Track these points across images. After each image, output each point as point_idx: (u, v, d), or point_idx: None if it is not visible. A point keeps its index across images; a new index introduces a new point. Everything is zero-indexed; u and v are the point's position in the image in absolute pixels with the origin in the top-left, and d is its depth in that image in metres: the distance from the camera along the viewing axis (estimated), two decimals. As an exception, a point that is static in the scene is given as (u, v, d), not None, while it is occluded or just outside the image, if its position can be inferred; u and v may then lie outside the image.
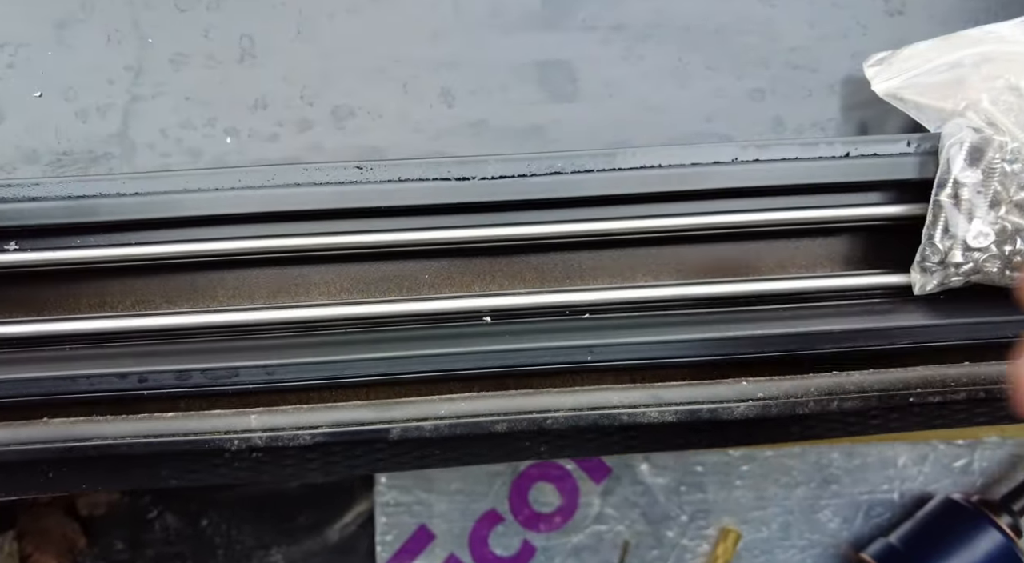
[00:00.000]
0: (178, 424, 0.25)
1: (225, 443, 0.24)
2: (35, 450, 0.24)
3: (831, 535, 0.66)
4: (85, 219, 0.28)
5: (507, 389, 0.27)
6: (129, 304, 0.30)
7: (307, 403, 0.26)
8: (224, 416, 0.25)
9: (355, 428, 0.25)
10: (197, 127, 0.33)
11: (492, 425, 0.25)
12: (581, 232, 0.30)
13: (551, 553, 0.64)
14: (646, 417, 0.25)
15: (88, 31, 0.33)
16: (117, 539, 0.64)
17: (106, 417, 0.25)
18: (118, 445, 0.24)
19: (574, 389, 0.26)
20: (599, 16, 0.34)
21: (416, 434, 0.25)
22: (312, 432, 0.24)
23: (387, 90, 0.33)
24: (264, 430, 0.24)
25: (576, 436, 0.27)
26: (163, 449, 0.24)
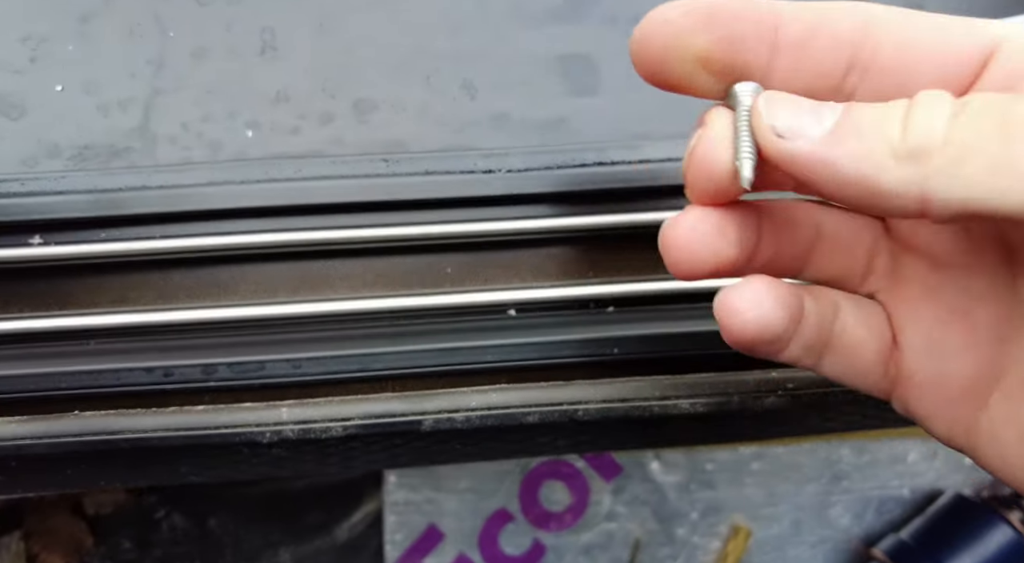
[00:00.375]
0: (209, 417, 0.25)
1: (257, 436, 0.24)
2: (69, 443, 0.24)
3: (842, 531, 0.67)
4: (109, 213, 0.28)
5: (534, 381, 0.27)
6: (152, 298, 0.30)
7: (335, 396, 0.25)
8: (255, 409, 0.25)
9: (387, 419, 0.25)
10: (218, 120, 0.33)
11: (524, 416, 0.25)
12: (606, 225, 0.30)
13: (561, 551, 0.64)
14: (677, 409, 0.25)
15: (109, 25, 0.33)
16: (124, 539, 0.64)
17: (137, 410, 0.25)
18: (150, 438, 0.24)
19: (605, 380, 0.26)
20: (620, 9, 0.34)
21: (448, 425, 0.25)
22: (344, 424, 0.24)
23: (409, 83, 0.33)
24: (296, 422, 0.24)
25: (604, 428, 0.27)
26: (195, 442, 0.24)
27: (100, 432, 0.24)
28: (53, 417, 0.24)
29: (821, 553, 0.66)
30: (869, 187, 0.16)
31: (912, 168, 0.16)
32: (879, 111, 0.17)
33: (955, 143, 0.15)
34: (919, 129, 0.16)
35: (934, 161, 0.16)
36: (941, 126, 0.16)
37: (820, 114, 0.17)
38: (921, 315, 0.20)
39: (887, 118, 0.16)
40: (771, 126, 0.18)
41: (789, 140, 0.17)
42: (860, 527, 0.65)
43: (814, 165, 0.17)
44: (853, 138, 0.17)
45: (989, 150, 0.15)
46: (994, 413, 0.19)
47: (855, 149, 0.16)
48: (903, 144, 0.16)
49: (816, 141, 0.17)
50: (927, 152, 0.16)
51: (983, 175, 0.15)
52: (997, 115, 0.15)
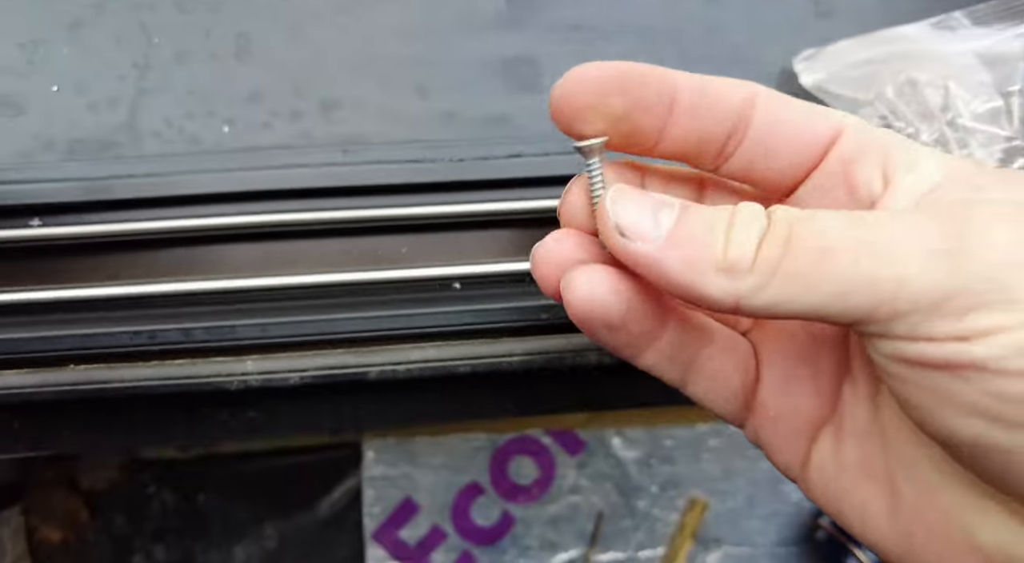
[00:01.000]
0: (185, 369, 0.28)
1: (226, 384, 0.28)
2: (63, 392, 0.28)
3: (793, 504, 0.71)
4: (101, 197, 0.32)
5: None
6: (139, 273, 0.33)
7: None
8: (225, 362, 0.29)
9: (339, 371, 0.29)
10: (198, 117, 0.36)
11: (456, 367, 0.29)
12: (540, 209, 0.34)
13: (529, 523, 0.68)
14: (586, 359, 0.29)
15: (99, 32, 0.37)
16: (118, 514, 0.67)
17: (125, 364, 0.29)
18: (135, 387, 0.28)
19: (528, 338, 0.30)
20: (559, 17, 0.38)
21: (391, 376, 0.29)
22: (301, 374, 0.28)
23: (369, 84, 0.37)
24: (259, 373, 0.28)
25: (527, 380, 0.30)
26: (174, 390, 0.28)
27: (92, 382, 0.28)
28: (52, 370, 0.28)
29: (773, 525, 0.70)
30: (694, 291, 0.18)
31: (729, 281, 0.18)
32: (707, 221, 0.19)
33: (760, 264, 0.18)
34: (735, 249, 0.18)
35: (746, 279, 0.18)
36: (751, 248, 0.18)
37: (659, 215, 0.19)
38: (781, 355, 0.23)
39: (713, 230, 0.19)
40: (616, 225, 0.19)
41: (630, 240, 0.19)
42: (811, 501, 0.69)
43: (649, 266, 0.19)
44: (683, 247, 0.18)
45: (784, 268, 0.18)
46: (822, 445, 0.22)
47: (684, 258, 0.18)
48: (724, 261, 0.18)
49: (652, 245, 0.19)
50: (741, 270, 0.18)
51: (781, 289, 0.18)
52: (784, 235, 0.18)
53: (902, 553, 0.20)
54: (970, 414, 0.16)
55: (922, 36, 0.35)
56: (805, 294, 0.17)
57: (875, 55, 0.36)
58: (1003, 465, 0.17)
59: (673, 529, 0.70)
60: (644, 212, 0.19)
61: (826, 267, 0.17)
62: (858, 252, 0.17)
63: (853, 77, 0.36)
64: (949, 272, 0.16)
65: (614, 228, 0.19)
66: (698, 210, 0.19)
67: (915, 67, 0.33)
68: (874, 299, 0.17)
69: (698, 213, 0.19)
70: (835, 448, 0.21)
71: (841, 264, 0.17)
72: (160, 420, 0.35)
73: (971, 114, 0.32)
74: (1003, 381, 0.16)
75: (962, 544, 0.19)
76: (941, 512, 0.19)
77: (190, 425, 0.36)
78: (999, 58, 0.33)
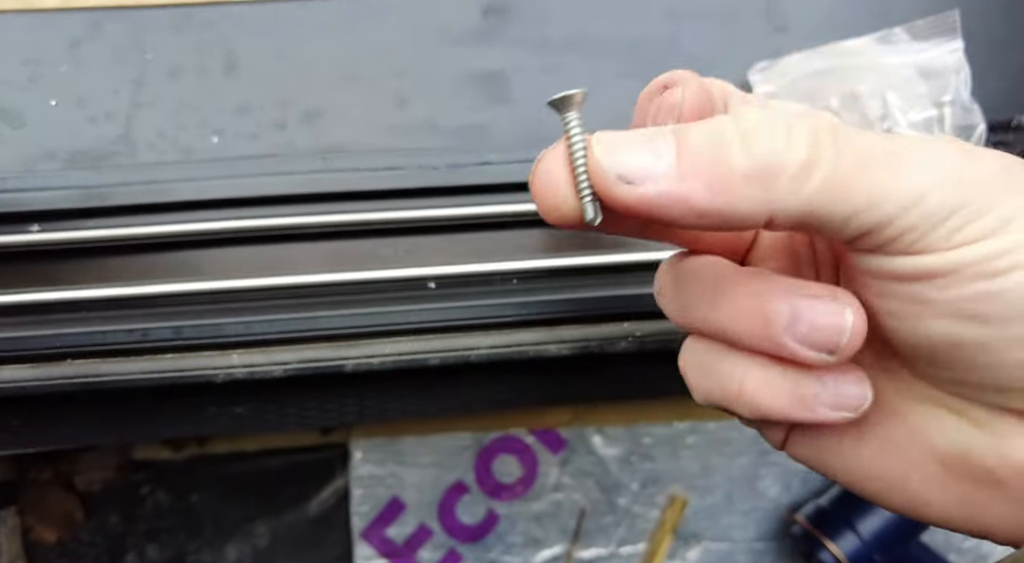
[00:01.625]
0: (175, 363, 0.31)
1: (212, 377, 0.30)
2: (60, 385, 0.30)
3: (771, 500, 0.73)
4: (98, 204, 0.35)
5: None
6: (134, 275, 0.36)
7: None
8: (212, 356, 0.31)
9: (318, 363, 0.31)
10: (189, 129, 0.39)
11: (426, 360, 0.31)
12: (509, 213, 0.36)
13: (514, 520, 0.70)
14: (548, 352, 0.31)
15: (97, 49, 0.39)
16: (112, 514, 0.69)
17: (119, 358, 0.31)
18: (129, 380, 0.30)
19: (494, 332, 0.32)
20: (528, 33, 0.41)
21: (366, 368, 0.31)
22: (284, 367, 0.30)
23: (350, 96, 0.39)
24: (244, 366, 0.30)
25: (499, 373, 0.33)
26: (164, 382, 0.30)
27: (88, 375, 0.30)
28: (51, 364, 0.30)
29: (752, 521, 0.72)
30: (725, 213, 0.17)
31: (760, 191, 0.17)
32: (710, 134, 0.17)
33: (794, 164, 0.17)
34: (761, 147, 0.17)
35: (780, 182, 0.17)
36: (781, 148, 0.17)
37: (657, 147, 0.18)
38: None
39: (723, 141, 0.17)
40: (617, 175, 0.18)
41: (638, 185, 0.18)
42: (788, 496, 0.71)
43: (668, 205, 0.17)
44: (699, 171, 0.17)
45: (826, 170, 0.17)
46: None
47: (706, 181, 0.17)
48: (752, 168, 0.17)
49: (665, 181, 0.17)
50: (772, 175, 0.17)
51: (818, 194, 0.17)
52: (826, 133, 0.17)
53: (870, 476, 0.21)
54: (946, 317, 0.18)
55: (866, 50, 0.38)
56: (840, 201, 0.17)
57: (823, 68, 0.39)
58: (972, 359, 0.18)
59: (653, 525, 0.72)
60: (640, 150, 0.18)
61: (866, 174, 0.17)
62: (889, 159, 0.17)
63: (803, 88, 0.38)
64: (957, 191, 0.17)
65: (616, 179, 0.18)
66: (693, 127, 0.18)
67: (858, 79, 0.36)
68: (889, 213, 0.17)
69: (697, 130, 0.18)
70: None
71: (878, 173, 0.17)
72: (151, 413, 0.37)
73: (908, 123, 0.35)
74: (976, 283, 0.17)
75: (922, 455, 0.20)
76: (907, 429, 0.20)
77: (180, 418, 0.38)
78: (935, 71, 0.36)
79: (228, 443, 0.69)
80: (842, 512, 0.67)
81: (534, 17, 0.41)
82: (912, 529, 0.66)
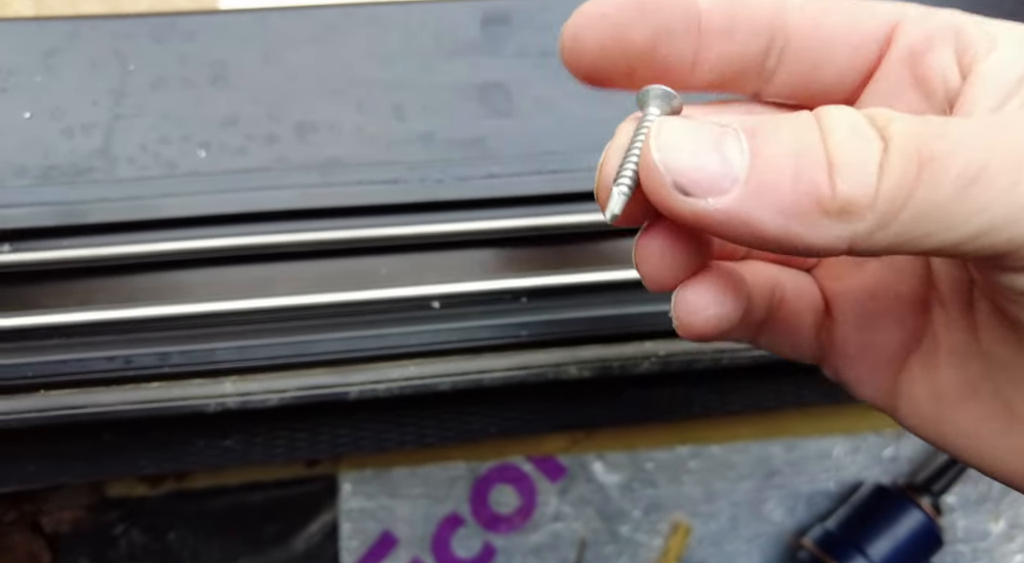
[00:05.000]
0: (162, 392, 0.28)
1: (203, 407, 0.28)
2: (33, 418, 0.27)
3: (776, 525, 0.71)
4: (74, 222, 0.32)
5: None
6: (115, 298, 0.33)
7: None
8: (203, 384, 0.28)
9: (318, 391, 0.28)
10: (174, 142, 0.36)
11: (437, 385, 0.29)
12: (517, 228, 0.34)
13: (511, 553, 0.67)
14: (567, 374, 0.29)
15: (73, 59, 0.37)
16: (82, 556, 0.65)
17: (98, 388, 0.28)
18: (109, 412, 0.27)
19: (507, 353, 0.30)
20: (530, 44, 0.39)
21: (372, 395, 0.28)
22: (281, 395, 0.28)
23: (345, 108, 0.37)
24: (238, 394, 0.28)
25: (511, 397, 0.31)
26: (149, 414, 0.28)
27: (64, 407, 0.27)
28: (21, 396, 0.28)
29: (757, 546, 0.70)
30: (795, 244, 0.15)
31: (843, 226, 0.14)
32: (792, 144, 0.15)
33: (886, 198, 0.14)
34: (847, 182, 0.14)
35: (864, 218, 0.14)
36: (871, 179, 0.14)
37: (725, 150, 0.15)
38: (852, 289, 0.21)
39: (806, 158, 0.14)
40: (673, 183, 0.15)
41: (698, 198, 0.15)
42: (792, 520, 0.70)
43: (728, 224, 0.15)
44: (773, 191, 0.14)
45: (918, 200, 0.14)
46: (912, 374, 0.20)
47: (779, 206, 0.14)
48: (834, 200, 0.14)
49: (730, 197, 0.15)
50: (859, 210, 0.14)
51: (911, 226, 0.14)
52: (916, 154, 0.14)
53: (1018, 466, 0.19)
54: None
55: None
56: (942, 231, 0.14)
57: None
58: None
59: (657, 554, 0.69)
60: (704, 150, 0.15)
61: (976, 197, 0.14)
62: (1018, 173, 0.14)
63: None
64: None
65: (671, 187, 0.15)
66: (773, 130, 0.15)
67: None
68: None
69: (776, 135, 0.15)
70: (928, 376, 0.20)
71: (993, 191, 0.14)
72: (132, 448, 0.34)
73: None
74: None
75: None
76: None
77: (163, 453, 0.35)
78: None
79: (209, 477, 0.65)
80: (850, 536, 0.65)
81: (535, 27, 0.40)
82: (923, 552, 0.64)
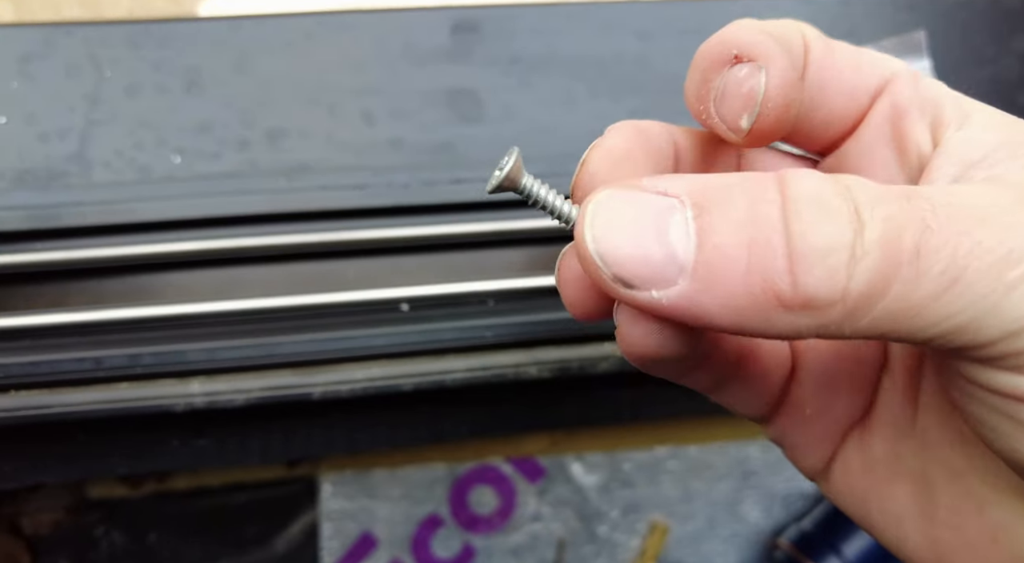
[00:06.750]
0: (131, 392, 0.29)
1: (172, 406, 0.28)
2: (6, 418, 0.28)
3: (752, 525, 0.72)
4: (47, 225, 0.33)
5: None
6: (88, 300, 0.34)
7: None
8: (171, 384, 0.29)
9: (283, 392, 0.29)
10: (148, 147, 0.37)
11: (400, 386, 0.29)
12: (483, 232, 0.35)
13: (491, 553, 0.68)
14: (528, 374, 0.30)
15: (49, 65, 0.38)
16: (63, 558, 0.65)
17: (69, 389, 0.29)
18: (79, 411, 0.28)
19: (470, 354, 0.31)
20: (499, 51, 0.40)
21: (335, 395, 0.29)
22: (247, 395, 0.29)
23: (315, 114, 0.38)
24: (205, 394, 0.29)
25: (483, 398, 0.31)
26: (118, 413, 0.28)
27: (35, 406, 0.28)
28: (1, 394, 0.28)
29: (734, 546, 0.71)
30: (753, 333, 0.14)
31: (806, 319, 0.13)
32: (747, 227, 0.13)
33: (855, 295, 0.13)
34: (813, 279, 0.13)
35: (831, 312, 0.13)
36: (840, 274, 0.13)
37: (666, 233, 0.13)
38: (820, 347, 0.20)
39: (763, 248, 0.13)
40: (613, 276, 0.14)
41: (642, 290, 0.14)
42: (769, 520, 0.70)
43: (682, 316, 0.14)
44: (722, 284, 0.13)
45: (894, 297, 0.13)
46: (850, 444, 0.20)
47: (728, 303, 0.13)
48: (794, 298, 0.13)
49: (676, 291, 0.13)
50: (824, 307, 0.13)
51: (882, 321, 0.13)
52: (898, 245, 0.13)
53: (930, 558, 0.18)
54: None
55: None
56: (917, 329, 0.13)
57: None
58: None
59: (635, 554, 0.70)
60: (642, 237, 0.13)
61: (950, 301, 0.13)
62: (995, 282, 0.13)
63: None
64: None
65: (612, 281, 0.14)
66: (724, 201, 0.13)
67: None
68: (999, 334, 0.13)
69: (727, 210, 0.13)
70: (863, 445, 0.19)
71: (968, 296, 0.13)
72: (111, 448, 0.35)
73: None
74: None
75: (1005, 559, 0.17)
76: (985, 524, 0.17)
77: (139, 452, 0.35)
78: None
79: (189, 479, 0.65)
80: (825, 535, 0.66)
81: (504, 35, 0.41)
82: (894, 551, 0.65)
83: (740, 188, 0.13)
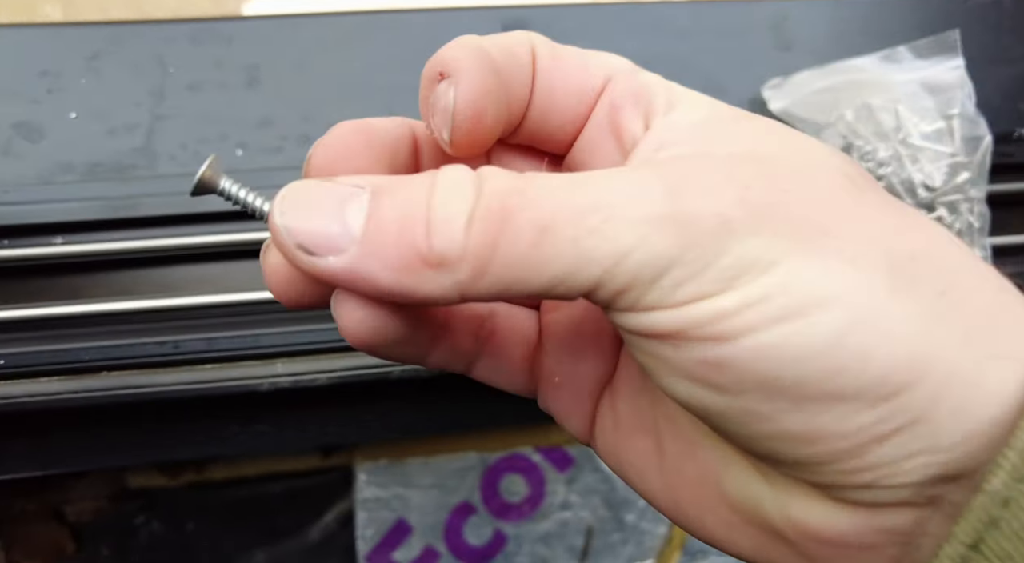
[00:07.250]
0: (214, 374, 0.30)
1: (256, 387, 0.30)
2: (99, 397, 0.29)
3: (774, 514, 0.73)
4: (121, 215, 0.34)
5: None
6: (160, 288, 0.35)
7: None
8: (253, 366, 0.30)
9: (364, 371, 0.30)
10: (212, 141, 0.39)
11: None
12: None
13: (521, 540, 0.69)
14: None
15: (116, 62, 0.39)
16: (104, 546, 0.66)
17: (156, 370, 0.30)
18: (168, 391, 0.29)
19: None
20: (548, 50, 0.42)
21: (413, 374, 0.31)
22: (329, 375, 0.30)
23: (374, 109, 0.39)
24: (289, 375, 0.30)
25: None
26: (204, 394, 0.30)
27: (127, 387, 0.29)
28: (86, 376, 0.30)
29: (757, 534, 0.73)
30: (411, 297, 0.16)
31: (445, 276, 0.15)
32: (403, 205, 0.16)
33: (473, 251, 0.15)
34: (439, 236, 0.15)
35: (461, 269, 0.15)
36: (458, 232, 0.15)
37: (346, 213, 0.16)
38: (561, 320, 0.21)
39: (411, 217, 0.15)
40: (296, 244, 0.16)
41: (319, 257, 0.16)
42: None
43: (351, 282, 0.16)
44: (382, 248, 0.15)
45: (501, 253, 0.15)
46: (603, 406, 0.21)
47: (386, 262, 0.15)
48: (431, 253, 0.15)
49: (346, 256, 0.16)
50: (452, 262, 0.15)
51: (502, 275, 0.15)
52: (497, 211, 0.15)
53: (670, 506, 0.20)
54: (684, 378, 0.16)
55: (872, 67, 0.40)
56: (529, 278, 0.15)
57: (833, 84, 0.40)
58: (718, 425, 0.17)
59: (661, 542, 0.71)
60: (324, 214, 0.16)
61: (545, 249, 0.15)
62: (576, 227, 0.15)
63: (815, 103, 0.40)
64: (666, 244, 0.15)
65: (295, 248, 0.16)
66: (393, 191, 0.16)
67: (868, 94, 0.37)
68: (596, 278, 0.15)
69: (392, 196, 0.16)
70: (612, 404, 0.21)
71: (559, 244, 0.15)
72: (173, 432, 0.36)
73: (920, 134, 0.36)
74: (703, 347, 0.15)
75: (715, 496, 0.19)
76: (698, 465, 0.19)
77: (202, 437, 0.37)
78: (939, 86, 0.38)
79: (227, 469, 0.67)
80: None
81: (552, 34, 0.42)
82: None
83: (411, 179, 0.16)
